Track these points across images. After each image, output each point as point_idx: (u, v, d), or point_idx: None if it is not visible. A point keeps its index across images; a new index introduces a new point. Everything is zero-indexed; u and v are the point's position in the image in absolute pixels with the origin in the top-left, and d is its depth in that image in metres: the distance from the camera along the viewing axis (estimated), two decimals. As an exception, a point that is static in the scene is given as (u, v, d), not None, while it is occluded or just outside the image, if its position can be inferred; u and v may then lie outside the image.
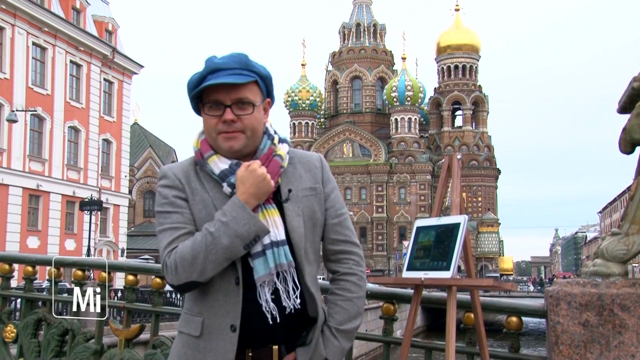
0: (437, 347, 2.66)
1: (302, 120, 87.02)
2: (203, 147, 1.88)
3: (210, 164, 1.86)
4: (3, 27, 28.61)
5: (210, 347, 1.79)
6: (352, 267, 1.95)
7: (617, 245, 2.27)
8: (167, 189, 1.87)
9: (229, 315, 1.79)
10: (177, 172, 1.89)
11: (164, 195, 1.87)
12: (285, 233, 1.83)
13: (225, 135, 1.83)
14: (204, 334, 1.81)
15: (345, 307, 1.90)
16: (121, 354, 3.15)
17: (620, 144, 2.34)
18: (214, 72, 1.81)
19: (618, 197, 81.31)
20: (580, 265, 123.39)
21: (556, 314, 2.22)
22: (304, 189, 1.91)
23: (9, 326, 3.50)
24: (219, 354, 1.79)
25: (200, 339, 1.81)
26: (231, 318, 1.79)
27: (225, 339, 1.79)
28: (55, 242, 30.74)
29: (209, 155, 1.87)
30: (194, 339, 1.82)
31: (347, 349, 1.93)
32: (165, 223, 1.84)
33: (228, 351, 1.78)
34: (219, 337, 1.79)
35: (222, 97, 1.81)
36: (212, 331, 1.80)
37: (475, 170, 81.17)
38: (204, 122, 1.87)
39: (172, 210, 1.84)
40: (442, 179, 2.50)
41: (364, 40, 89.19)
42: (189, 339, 1.84)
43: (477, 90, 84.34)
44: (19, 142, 28.93)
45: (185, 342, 1.85)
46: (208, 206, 1.83)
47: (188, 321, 1.86)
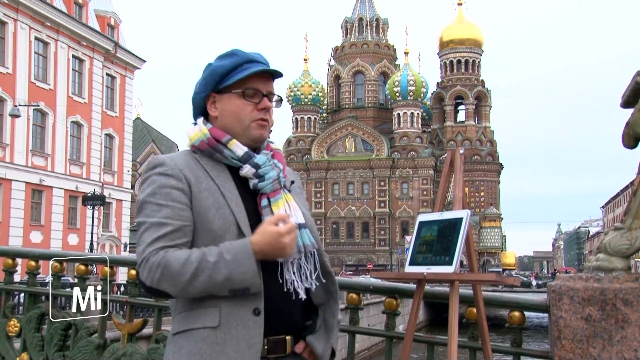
0: (440, 341, 2.66)
1: (305, 115, 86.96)
2: (217, 133, 1.87)
3: (232, 147, 1.85)
4: (5, 22, 28.61)
5: (230, 337, 1.71)
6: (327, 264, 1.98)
7: (620, 239, 2.26)
8: (163, 177, 1.80)
9: (249, 299, 1.73)
10: (177, 161, 1.85)
11: (158, 184, 1.80)
12: None
13: (260, 123, 1.88)
14: (221, 324, 1.72)
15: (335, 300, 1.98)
16: (124, 349, 3.15)
17: (624, 138, 2.33)
18: (251, 62, 1.88)
19: (621, 192, 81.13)
20: (582, 260, 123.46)
21: (559, 309, 2.22)
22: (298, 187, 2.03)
23: (12, 320, 3.51)
24: (240, 342, 1.71)
25: (218, 330, 1.72)
26: (253, 302, 1.73)
27: (247, 325, 1.72)
28: (58, 237, 30.81)
29: (229, 139, 1.86)
30: (210, 331, 1.72)
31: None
32: (152, 216, 1.77)
33: (253, 336, 1.72)
34: (240, 324, 1.72)
35: (261, 86, 1.88)
36: (231, 319, 1.72)
37: (477, 165, 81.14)
38: (233, 109, 1.88)
39: (163, 203, 1.77)
40: (445, 174, 2.49)
41: (366, 35, 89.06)
42: (204, 333, 1.72)
43: (479, 85, 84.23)
44: (21, 137, 28.96)
45: (200, 337, 1.73)
46: (214, 193, 1.81)
47: (201, 315, 1.75)
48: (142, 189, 1.83)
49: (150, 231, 1.75)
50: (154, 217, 1.77)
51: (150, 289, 1.75)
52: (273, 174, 1.86)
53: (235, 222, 1.78)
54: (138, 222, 1.81)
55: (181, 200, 1.79)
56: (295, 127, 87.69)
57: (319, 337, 1.86)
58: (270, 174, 1.86)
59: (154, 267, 1.71)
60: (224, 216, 1.78)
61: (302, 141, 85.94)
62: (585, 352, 2.17)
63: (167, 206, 1.78)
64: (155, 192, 1.79)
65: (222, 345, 1.71)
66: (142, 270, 1.74)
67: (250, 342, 1.72)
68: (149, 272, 1.72)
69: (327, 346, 1.87)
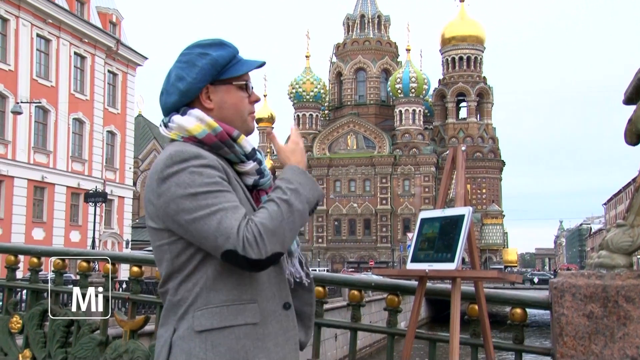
0: (441, 338, 2.66)
1: (306, 112, 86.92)
2: (226, 126, 1.79)
3: (242, 142, 1.82)
4: (7, 19, 28.62)
5: (268, 332, 1.72)
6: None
7: (622, 236, 2.26)
8: (208, 169, 1.68)
9: (275, 295, 1.77)
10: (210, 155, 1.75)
11: (207, 175, 1.67)
12: None
13: (253, 116, 1.91)
14: (261, 320, 1.72)
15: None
16: (126, 345, 3.16)
17: (626, 135, 2.33)
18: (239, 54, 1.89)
19: (623, 189, 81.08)
20: (584, 257, 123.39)
21: (561, 306, 2.22)
22: None
23: (14, 317, 3.52)
24: (278, 336, 1.74)
25: (258, 326, 1.71)
26: (281, 297, 1.79)
27: (281, 320, 1.76)
28: (60, 234, 30.86)
29: (239, 134, 1.82)
30: (252, 327, 1.70)
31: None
32: (218, 203, 1.63)
33: (288, 329, 1.77)
34: (275, 319, 1.75)
35: (249, 79, 1.89)
36: (267, 315, 1.73)
37: (479, 162, 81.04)
38: (233, 101, 1.85)
39: (225, 189, 1.68)
40: (447, 171, 2.49)
41: (368, 32, 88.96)
42: (246, 330, 1.69)
43: (481, 82, 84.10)
44: (23, 134, 29.00)
45: (242, 334, 1.68)
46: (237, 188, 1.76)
47: (239, 311, 1.69)
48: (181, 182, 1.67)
49: (227, 215, 1.62)
50: (220, 203, 1.64)
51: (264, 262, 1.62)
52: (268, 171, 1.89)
53: None
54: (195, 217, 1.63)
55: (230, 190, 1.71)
56: (297, 124, 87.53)
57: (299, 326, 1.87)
58: (267, 170, 1.88)
59: (255, 238, 1.60)
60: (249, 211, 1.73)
61: (303, 138, 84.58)
62: (587, 349, 2.17)
63: (229, 192, 1.69)
64: (208, 182, 1.66)
65: (263, 340, 1.71)
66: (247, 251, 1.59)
67: (287, 336, 1.77)
68: (254, 246, 1.60)
69: (307, 335, 1.91)
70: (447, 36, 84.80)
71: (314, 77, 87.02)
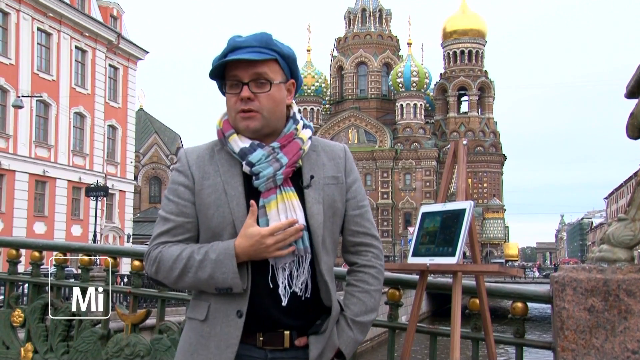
0: (443, 332, 2.66)
1: (308, 106, 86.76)
2: (225, 126, 1.87)
3: (231, 143, 1.84)
4: (8, 13, 28.58)
5: (214, 332, 1.78)
6: (371, 260, 1.93)
7: (623, 230, 2.26)
8: (176, 173, 1.90)
9: (235, 300, 1.78)
10: (191, 156, 1.90)
11: (172, 180, 1.92)
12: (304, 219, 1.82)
13: (242, 115, 1.81)
14: (208, 319, 1.80)
15: (362, 299, 1.89)
16: (128, 339, 3.17)
17: (628, 129, 2.32)
18: (235, 50, 1.80)
19: (624, 183, 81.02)
20: (586, 251, 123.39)
21: (562, 300, 2.22)
22: (326, 177, 1.88)
23: (16, 311, 3.53)
24: (222, 339, 1.77)
25: (204, 324, 1.80)
26: (238, 303, 1.78)
27: (230, 324, 1.77)
28: (62, 228, 30.91)
29: (230, 133, 1.85)
30: (199, 323, 1.82)
31: (360, 341, 1.90)
32: (163, 209, 1.89)
33: (232, 336, 1.77)
34: (223, 322, 1.78)
35: (241, 74, 1.79)
36: (217, 316, 1.79)
37: (480, 156, 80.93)
38: (226, 102, 1.87)
39: (171, 199, 1.87)
40: (448, 165, 2.49)
41: (369, 26, 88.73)
42: (194, 324, 1.83)
43: (483, 76, 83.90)
44: (24, 128, 29.00)
45: (191, 327, 1.84)
46: (217, 190, 1.82)
47: (195, 306, 1.86)
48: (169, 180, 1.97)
49: (158, 225, 1.88)
50: (163, 211, 1.88)
51: (152, 279, 1.94)
52: (269, 171, 1.79)
53: (232, 221, 1.79)
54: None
55: (185, 197, 1.86)
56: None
57: (319, 340, 1.82)
58: (265, 171, 1.79)
59: (152, 261, 1.84)
60: (222, 214, 1.80)
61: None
62: (588, 342, 2.17)
63: (173, 202, 1.86)
64: (169, 188, 1.90)
65: (207, 338, 1.79)
66: (145, 262, 1.89)
67: (229, 342, 1.78)
68: (149, 265, 1.86)
69: (325, 351, 1.82)
70: (448, 30, 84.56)
71: (315, 71, 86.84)
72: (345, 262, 2.02)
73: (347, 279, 1.94)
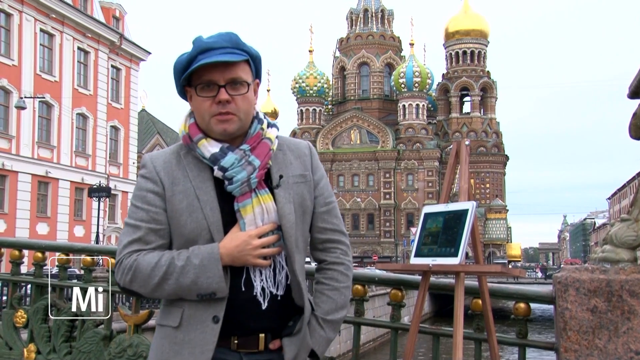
0: (445, 333, 2.66)
1: (310, 106, 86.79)
2: (192, 130, 1.82)
3: (201, 148, 1.79)
4: (11, 14, 28.62)
5: (189, 339, 1.74)
6: (339, 257, 1.93)
7: (626, 231, 2.26)
8: (142, 180, 1.83)
9: (211, 306, 1.74)
10: (157, 162, 1.84)
11: (138, 186, 1.84)
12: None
13: (219, 118, 1.76)
14: (182, 325, 1.76)
15: (332, 297, 1.89)
16: (130, 339, 3.17)
17: (630, 129, 2.32)
18: (205, 52, 1.74)
19: (627, 183, 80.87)
20: (588, 251, 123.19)
21: (564, 300, 2.22)
22: (294, 176, 1.87)
23: (19, 311, 3.53)
24: (197, 345, 1.73)
25: (178, 331, 1.76)
26: (214, 309, 1.74)
27: (205, 330, 1.74)
28: (64, 229, 30.93)
29: (199, 138, 1.80)
30: (172, 330, 1.77)
31: (332, 339, 1.90)
32: (130, 217, 1.81)
33: (208, 342, 1.73)
34: (198, 329, 1.74)
35: (216, 77, 1.74)
36: (192, 322, 1.75)
37: (483, 156, 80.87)
38: (196, 105, 1.80)
39: (139, 206, 1.80)
40: (450, 165, 2.48)
41: (371, 26, 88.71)
42: (167, 331, 1.78)
43: (485, 76, 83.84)
44: (27, 128, 29.03)
45: (164, 334, 1.79)
46: (189, 196, 1.78)
47: (167, 313, 1.80)
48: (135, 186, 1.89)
49: (127, 233, 1.80)
50: (131, 219, 1.81)
51: (124, 289, 1.82)
52: (242, 175, 1.76)
53: (207, 227, 1.76)
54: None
55: (156, 204, 1.80)
56: (301, 118, 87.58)
57: (294, 341, 1.81)
58: (238, 176, 1.76)
59: (126, 269, 1.76)
60: (196, 220, 1.76)
61: (307, 133, 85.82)
62: (591, 343, 2.16)
63: (143, 209, 1.80)
64: (136, 195, 1.83)
65: (180, 345, 1.75)
66: (116, 272, 1.79)
67: (204, 349, 1.74)
68: (122, 274, 1.77)
69: (299, 352, 1.81)
70: (450, 30, 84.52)
71: (318, 71, 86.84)
72: (313, 259, 2.00)
73: (316, 277, 1.94)
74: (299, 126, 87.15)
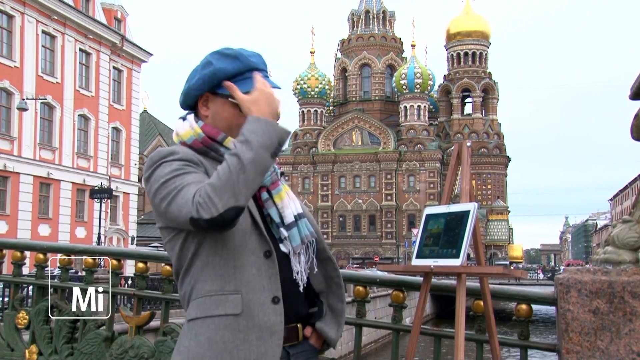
0: (447, 334, 2.66)
1: (311, 108, 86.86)
2: (211, 131, 1.82)
3: (229, 144, 1.80)
4: (13, 15, 28.67)
5: (253, 324, 1.68)
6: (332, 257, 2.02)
7: (628, 232, 2.25)
8: (181, 162, 1.73)
9: (265, 288, 1.72)
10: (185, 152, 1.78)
11: (177, 165, 1.71)
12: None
13: None
14: (244, 312, 1.69)
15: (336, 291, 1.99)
16: (132, 341, 3.17)
17: (632, 130, 2.32)
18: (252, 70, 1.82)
19: (629, 185, 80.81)
20: (590, 253, 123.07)
21: (566, 302, 2.22)
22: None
23: (21, 313, 3.53)
24: (264, 329, 1.69)
25: (240, 317, 1.68)
26: (271, 290, 1.72)
27: (268, 313, 1.70)
28: (66, 230, 30.96)
29: (224, 137, 1.82)
30: (233, 318, 1.68)
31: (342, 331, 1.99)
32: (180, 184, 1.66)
33: (275, 323, 1.70)
34: (262, 312, 1.70)
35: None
36: (252, 307, 1.69)
37: (484, 157, 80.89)
38: (229, 116, 1.83)
39: (188, 171, 1.70)
40: (452, 167, 2.48)
41: (373, 28, 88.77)
42: (226, 320, 1.68)
43: (487, 78, 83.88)
44: (29, 130, 29.07)
45: (222, 325, 1.68)
46: None
47: (220, 301, 1.70)
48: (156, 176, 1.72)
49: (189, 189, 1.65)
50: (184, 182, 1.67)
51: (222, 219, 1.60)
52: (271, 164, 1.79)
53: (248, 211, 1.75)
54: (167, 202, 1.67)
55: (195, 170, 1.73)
56: (302, 120, 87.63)
57: (329, 322, 1.90)
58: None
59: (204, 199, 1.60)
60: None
61: (308, 134, 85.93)
62: (592, 345, 2.16)
63: (194, 172, 1.71)
64: (175, 169, 1.71)
65: (245, 332, 1.68)
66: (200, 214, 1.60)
67: (272, 330, 1.70)
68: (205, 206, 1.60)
69: (339, 331, 1.90)
70: (452, 31, 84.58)
71: (319, 73, 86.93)
72: None
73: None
74: (301, 127, 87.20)
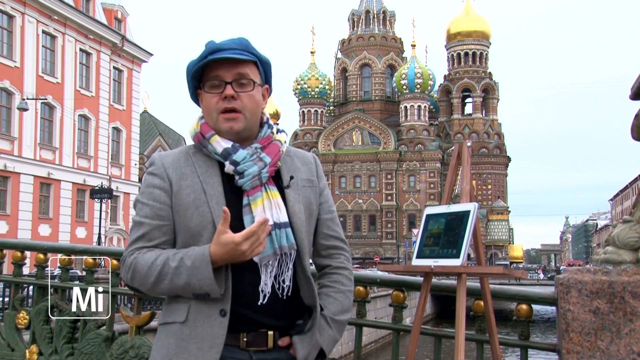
0: (447, 334, 2.66)
1: (312, 108, 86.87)
2: (204, 128, 1.87)
3: (213, 144, 1.84)
4: (13, 16, 28.69)
5: (196, 334, 1.73)
6: (343, 262, 1.98)
7: (628, 232, 2.25)
8: (150, 177, 1.87)
9: (217, 300, 1.74)
10: (166, 159, 1.88)
11: (145, 184, 1.88)
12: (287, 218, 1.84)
13: (225, 116, 1.82)
14: (189, 320, 1.74)
15: (339, 299, 1.92)
16: (132, 341, 3.17)
17: (633, 130, 2.32)
18: (215, 52, 1.82)
19: (630, 185, 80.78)
20: (590, 253, 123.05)
21: (567, 302, 2.22)
22: (302, 180, 1.93)
23: (21, 313, 3.53)
24: (205, 340, 1.72)
25: (184, 326, 1.74)
26: (221, 303, 1.74)
27: (213, 324, 1.73)
28: (66, 230, 30.98)
29: (211, 135, 1.85)
30: (178, 326, 1.76)
31: (339, 340, 1.93)
32: (137, 214, 1.85)
33: (217, 336, 1.73)
34: (206, 323, 1.73)
35: (223, 73, 1.82)
36: (199, 317, 1.74)
37: (485, 157, 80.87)
38: (205, 103, 1.86)
39: (145, 202, 1.84)
40: (452, 167, 2.48)
41: (373, 28, 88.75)
42: (172, 328, 1.77)
43: (487, 77, 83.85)
44: (29, 130, 29.09)
45: (169, 332, 1.77)
46: (196, 190, 1.81)
47: (172, 309, 1.80)
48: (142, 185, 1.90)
49: (133, 230, 1.85)
50: (137, 216, 1.85)
51: (127, 285, 1.90)
52: (254, 170, 1.81)
53: (212, 221, 1.77)
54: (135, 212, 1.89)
55: (161, 200, 1.83)
56: (302, 120, 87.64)
57: (304, 339, 1.82)
58: (250, 170, 1.81)
59: (127, 267, 1.80)
60: (202, 214, 1.78)
61: (309, 134, 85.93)
62: (593, 345, 2.16)
63: (148, 205, 1.83)
64: (143, 191, 1.87)
65: (187, 341, 1.73)
66: (121, 269, 1.86)
67: (213, 342, 1.72)
68: (125, 272, 1.82)
69: (310, 350, 1.82)
70: (452, 31, 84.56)
71: (319, 73, 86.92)
72: (314, 265, 2.02)
73: (320, 282, 1.96)
74: (301, 127, 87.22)
